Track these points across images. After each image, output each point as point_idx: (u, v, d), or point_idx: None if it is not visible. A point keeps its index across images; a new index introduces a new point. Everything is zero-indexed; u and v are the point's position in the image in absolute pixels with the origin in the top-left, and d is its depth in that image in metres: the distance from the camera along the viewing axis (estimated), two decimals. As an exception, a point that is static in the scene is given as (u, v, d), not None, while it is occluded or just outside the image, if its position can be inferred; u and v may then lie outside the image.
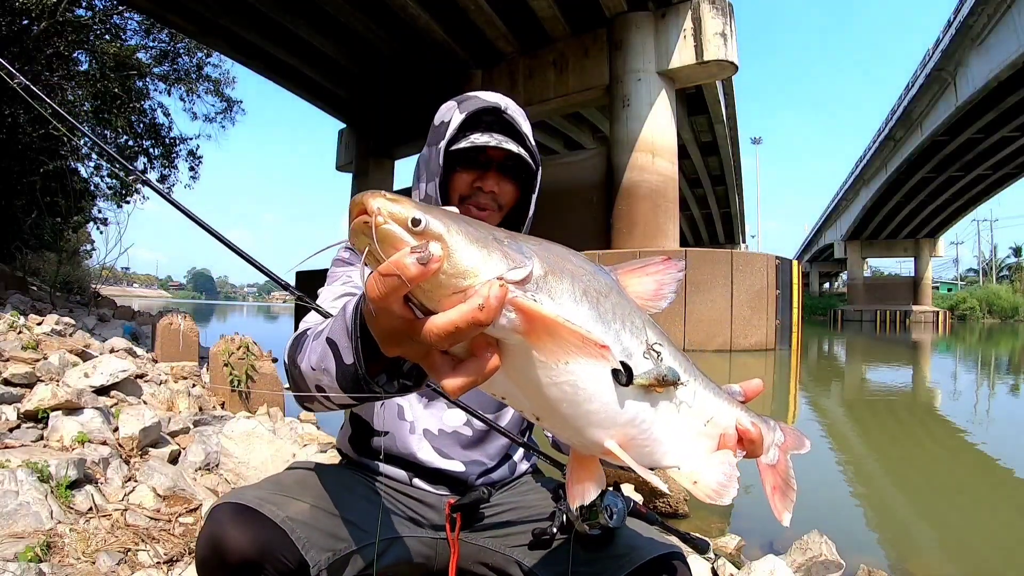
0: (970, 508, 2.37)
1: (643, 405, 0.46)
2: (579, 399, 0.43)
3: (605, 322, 0.43)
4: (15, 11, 8.51)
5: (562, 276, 0.42)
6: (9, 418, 1.92)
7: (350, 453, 0.97)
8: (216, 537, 0.69)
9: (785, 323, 10.56)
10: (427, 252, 0.36)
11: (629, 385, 0.44)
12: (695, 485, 0.52)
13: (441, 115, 0.93)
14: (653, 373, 0.45)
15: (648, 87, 11.70)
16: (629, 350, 0.45)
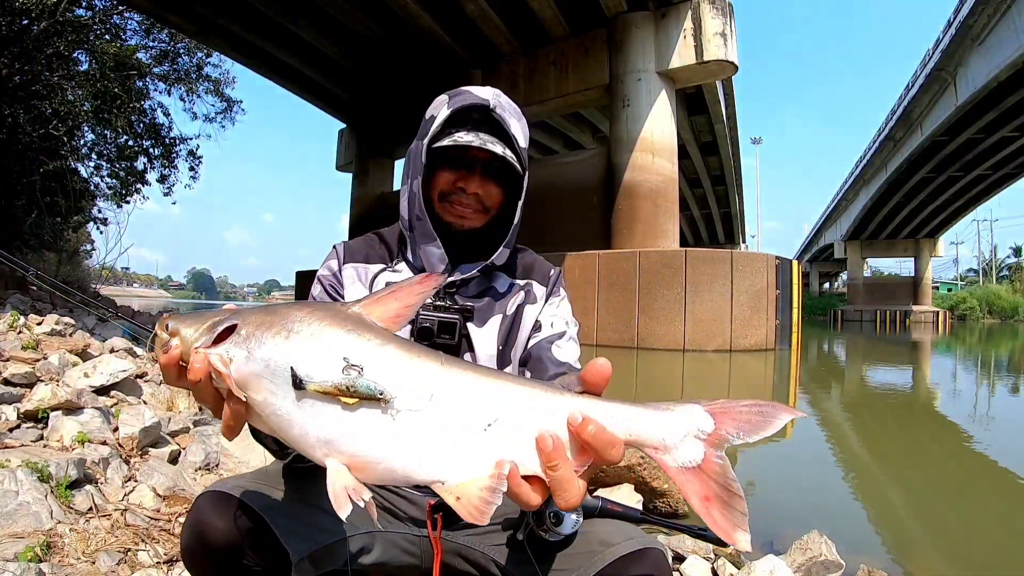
0: (970, 508, 2.37)
1: (359, 423, 0.47)
2: (290, 427, 0.49)
3: (298, 348, 0.49)
4: (15, 11, 8.51)
5: (261, 327, 0.51)
6: (9, 418, 1.91)
7: None
8: (198, 524, 0.72)
9: (785, 323, 10.55)
10: (168, 344, 0.55)
11: (302, 389, 0.47)
12: (457, 502, 0.48)
13: (432, 109, 0.92)
14: (330, 382, 0.47)
15: (648, 87, 11.69)
16: (321, 371, 0.48)
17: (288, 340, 0.49)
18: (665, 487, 2.00)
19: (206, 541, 0.72)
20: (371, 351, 0.49)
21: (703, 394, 3.98)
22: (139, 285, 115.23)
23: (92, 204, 12.96)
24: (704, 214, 34.28)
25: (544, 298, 0.97)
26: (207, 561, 0.73)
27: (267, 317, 0.52)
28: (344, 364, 0.48)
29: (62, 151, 10.64)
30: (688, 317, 9.50)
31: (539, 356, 0.90)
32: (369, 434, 0.47)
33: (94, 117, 11.06)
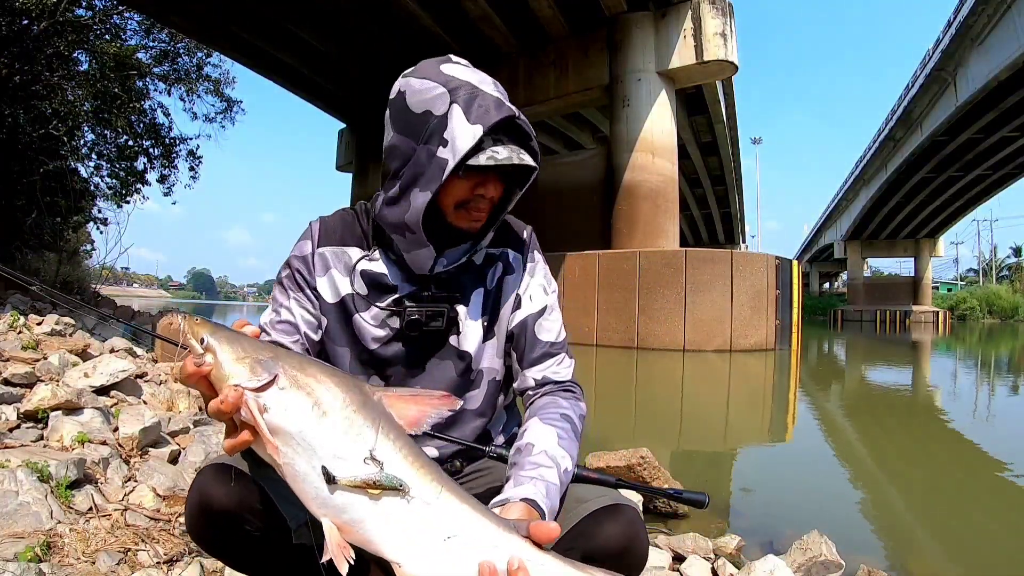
0: (970, 508, 2.37)
1: (356, 500, 0.56)
2: (296, 480, 0.56)
3: (328, 429, 0.56)
4: (15, 11, 8.50)
5: (300, 390, 0.57)
6: (9, 418, 1.92)
7: None
8: (201, 492, 0.77)
9: (785, 323, 10.56)
10: (202, 360, 0.57)
11: (333, 483, 0.55)
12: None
13: (427, 103, 0.82)
14: (360, 477, 0.55)
15: (648, 87, 11.70)
16: (344, 454, 0.56)
17: (321, 422, 0.56)
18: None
19: (208, 507, 0.76)
20: (390, 453, 0.58)
21: (703, 394, 3.99)
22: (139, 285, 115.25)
23: (92, 204, 12.95)
24: (704, 214, 34.29)
25: (522, 266, 0.98)
26: (210, 528, 0.78)
27: (306, 381, 0.58)
28: (367, 454, 0.57)
29: (62, 151, 10.64)
30: (688, 317, 9.50)
31: (524, 336, 0.94)
32: (362, 513, 0.56)
33: (94, 117, 11.06)
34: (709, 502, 1.00)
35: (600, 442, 3.31)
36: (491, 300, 0.95)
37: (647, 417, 4.40)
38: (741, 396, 5.68)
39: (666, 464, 2.14)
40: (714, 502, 2.24)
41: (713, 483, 2.57)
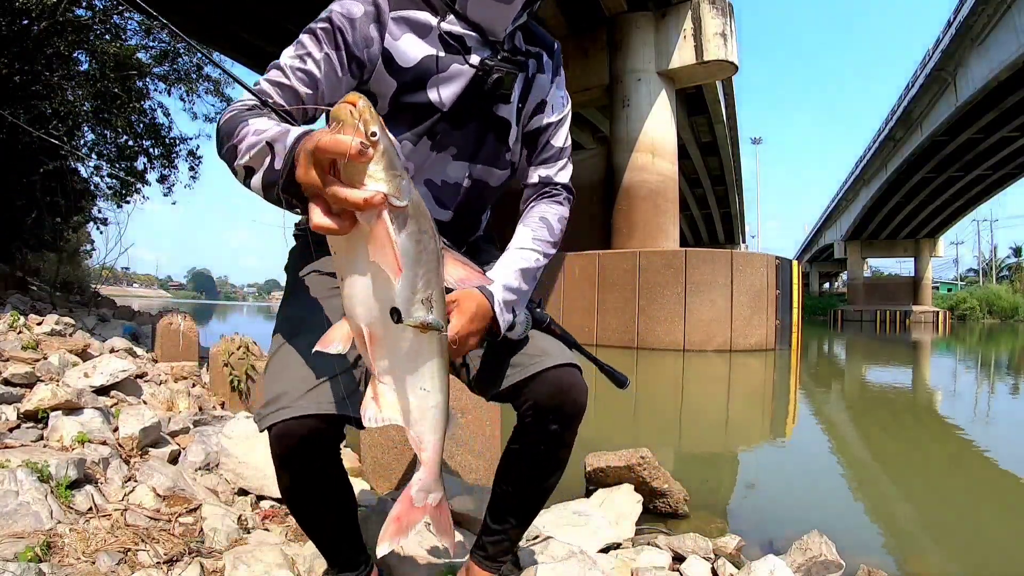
0: (971, 508, 2.37)
1: (406, 334, 0.64)
2: (369, 288, 0.61)
3: (413, 263, 0.61)
4: (15, 11, 8.50)
5: (416, 221, 0.60)
6: (9, 418, 1.92)
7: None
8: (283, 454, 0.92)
9: (785, 323, 10.56)
10: (367, 149, 0.54)
11: (398, 321, 0.62)
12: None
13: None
14: (420, 319, 0.62)
15: (648, 87, 11.70)
16: (414, 289, 0.62)
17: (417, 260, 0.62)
18: (665, 487, 2.00)
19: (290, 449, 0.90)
20: (439, 299, 0.65)
21: (703, 394, 3.99)
22: (139, 285, 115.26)
23: (92, 204, 12.96)
24: (704, 214, 34.29)
25: (552, 72, 1.09)
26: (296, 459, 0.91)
27: (421, 222, 0.61)
28: (424, 296, 0.63)
29: (62, 151, 10.64)
30: (688, 317, 9.50)
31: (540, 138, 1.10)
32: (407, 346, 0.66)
33: (94, 117, 11.06)
34: (628, 384, 1.15)
35: (600, 442, 3.30)
36: (526, 87, 1.05)
37: (647, 417, 4.40)
38: (741, 396, 5.68)
39: (666, 464, 2.14)
40: (714, 502, 2.25)
41: (713, 483, 2.57)
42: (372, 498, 1.71)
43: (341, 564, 1.01)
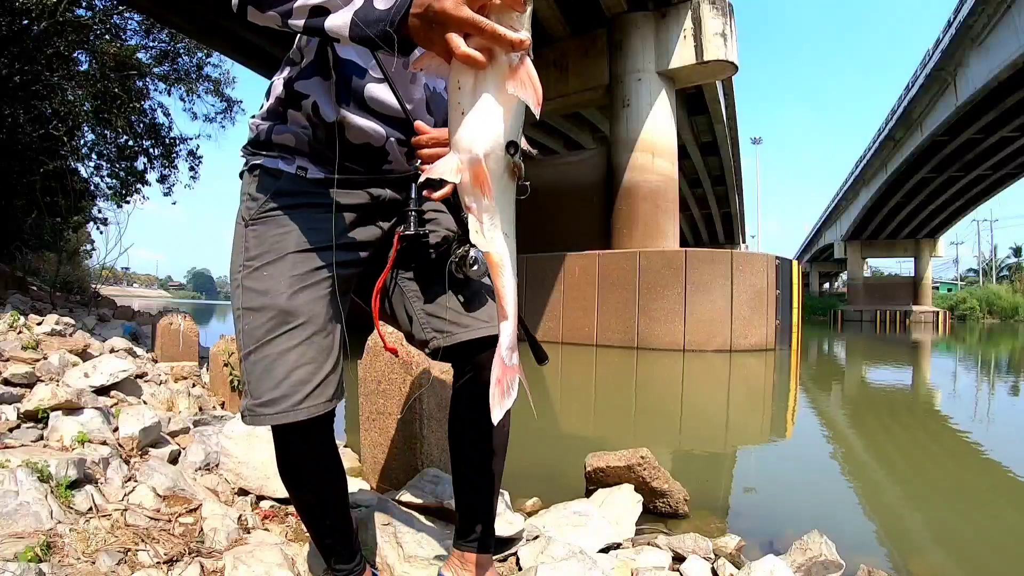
0: (971, 508, 2.37)
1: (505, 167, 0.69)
2: (496, 121, 0.67)
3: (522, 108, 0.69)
4: (15, 11, 8.51)
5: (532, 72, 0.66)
6: (9, 418, 1.92)
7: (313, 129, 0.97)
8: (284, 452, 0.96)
9: (785, 323, 10.55)
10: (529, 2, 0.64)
11: (513, 155, 0.68)
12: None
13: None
14: (527, 151, 0.74)
15: (648, 87, 11.69)
16: (520, 127, 0.69)
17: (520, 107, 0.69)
18: (665, 487, 2.00)
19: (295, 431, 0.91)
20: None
21: (703, 394, 3.98)
22: (139, 285, 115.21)
23: (92, 204, 12.96)
24: (704, 214, 34.28)
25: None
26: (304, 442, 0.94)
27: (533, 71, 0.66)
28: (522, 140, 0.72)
29: (62, 151, 10.64)
30: (688, 317, 9.50)
31: None
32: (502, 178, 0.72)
33: (94, 117, 11.06)
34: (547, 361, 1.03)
35: (600, 442, 3.30)
36: None
37: (647, 417, 4.40)
38: (741, 396, 5.68)
39: (666, 464, 2.14)
40: (714, 502, 2.25)
41: (713, 483, 2.57)
42: (372, 498, 1.71)
43: (337, 553, 1.05)
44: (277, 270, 0.91)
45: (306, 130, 0.97)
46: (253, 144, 1.00)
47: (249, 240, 0.94)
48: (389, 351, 1.18)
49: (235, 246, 0.95)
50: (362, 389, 1.93)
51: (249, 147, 1.01)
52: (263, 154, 0.98)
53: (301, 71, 0.97)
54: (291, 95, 0.97)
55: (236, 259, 0.94)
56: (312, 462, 0.97)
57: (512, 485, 1.95)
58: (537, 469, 2.54)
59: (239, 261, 0.93)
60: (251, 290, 0.91)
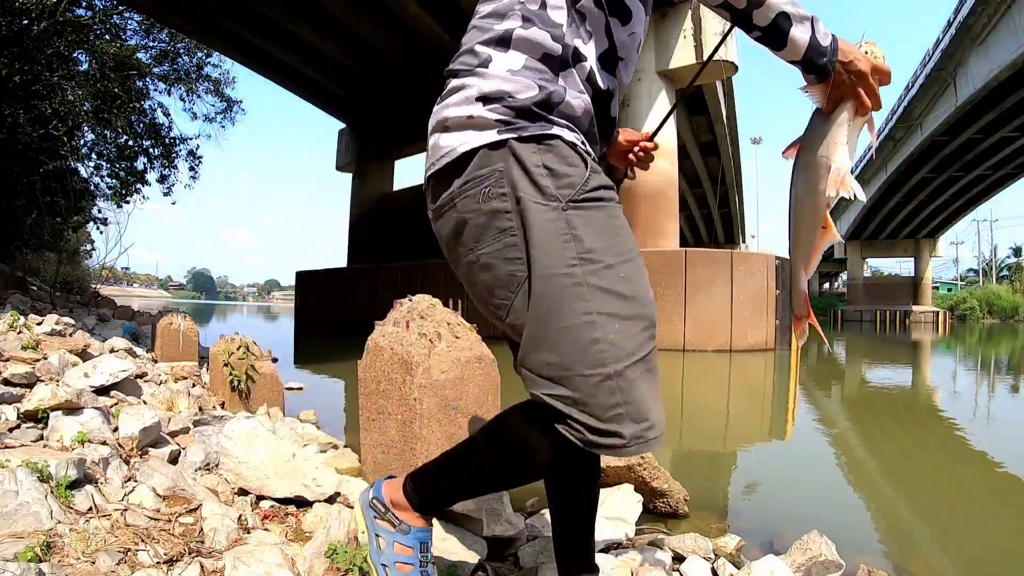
0: (971, 508, 2.37)
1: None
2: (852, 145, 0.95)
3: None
4: (15, 11, 8.51)
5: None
6: (9, 418, 1.92)
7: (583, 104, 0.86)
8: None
9: (785, 323, 10.56)
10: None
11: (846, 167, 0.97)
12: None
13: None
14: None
15: (648, 87, 11.70)
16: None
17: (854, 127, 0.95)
18: (665, 487, 2.00)
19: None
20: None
21: (703, 394, 3.98)
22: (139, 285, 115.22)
23: (92, 204, 12.97)
24: (704, 214, 34.28)
25: None
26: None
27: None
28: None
29: (62, 151, 10.64)
30: (688, 317, 9.50)
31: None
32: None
33: (94, 117, 11.07)
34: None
35: (600, 442, 3.30)
36: None
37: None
38: (741, 396, 5.68)
39: (666, 464, 2.14)
40: (714, 502, 2.25)
41: (713, 483, 2.57)
42: (372, 498, 1.71)
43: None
44: (635, 272, 0.81)
45: (581, 97, 0.84)
46: (540, 106, 0.81)
47: (579, 228, 0.77)
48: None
49: (544, 231, 0.76)
50: (362, 389, 1.93)
51: (534, 108, 0.80)
52: (555, 121, 0.81)
53: (575, 30, 0.85)
54: (570, 54, 0.84)
55: (553, 246, 0.76)
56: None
57: (512, 485, 1.95)
58: (537, 469, 2.54)
59: (569, 253, 0.76)
60: (609, 292, 0.77)
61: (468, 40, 0.91)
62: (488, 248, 0.80)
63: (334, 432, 2.84)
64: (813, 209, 0.95)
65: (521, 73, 0.82)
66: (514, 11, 0.87)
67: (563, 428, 0.76)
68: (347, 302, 16.03)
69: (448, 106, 0.85)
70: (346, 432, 3.13)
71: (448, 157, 0.82)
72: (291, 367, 6.44)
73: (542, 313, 0.76)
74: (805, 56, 0.83)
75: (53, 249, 12.09)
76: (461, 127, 0.82)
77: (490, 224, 0.79)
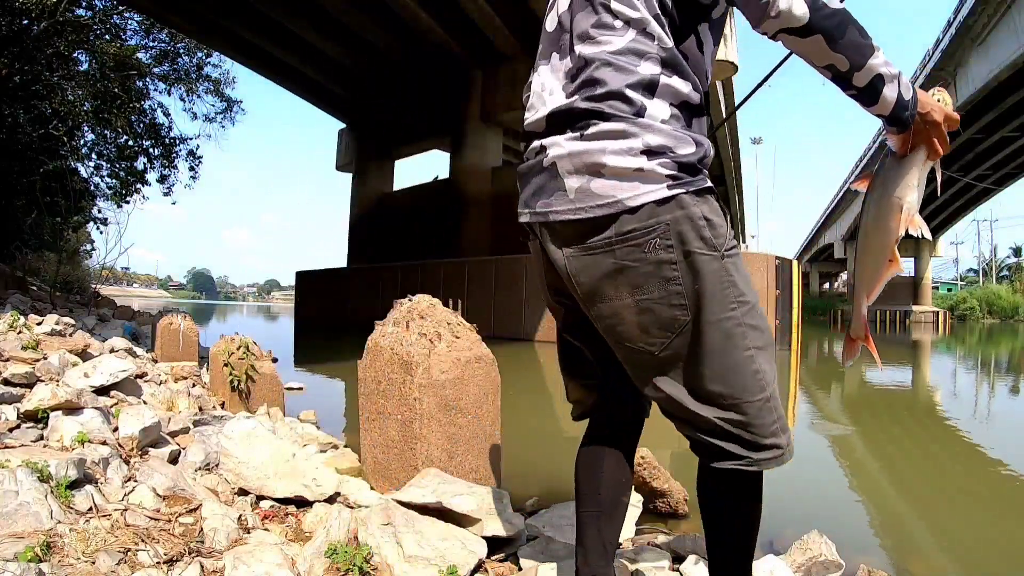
0: (971, 508, 2.37)
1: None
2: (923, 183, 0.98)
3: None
4: (15, 11, 8.51)
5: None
6: (9, 418, 1.92)
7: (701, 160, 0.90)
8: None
9: (785, 323, 10.55)
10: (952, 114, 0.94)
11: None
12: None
13: None
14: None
15: (648, 87, 11.69)
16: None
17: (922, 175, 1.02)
18: (665, 487, 2.00)
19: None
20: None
21: (703, 394, 3.85)
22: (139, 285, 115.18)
23: (92, 204, 12.97)
24: (704, 214, 34.24)
25: None
26: None
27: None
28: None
29: (62, 151, 10.65)
30: (688, 317, 9.48)
31: None
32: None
33: (94, 117, 11.07)
34: None
35: (600, 442, 3.30)
36: None
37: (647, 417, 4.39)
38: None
39: (666, 464, 2.14)
40: (714, 502, 2.24)
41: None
42: (372, 498, 1.71)
43: None
44: (760, 310, 0.92)
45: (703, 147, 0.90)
46: (700, 161, 0.89)
47: (733, 274, 0.88)
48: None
49: (711, 280, 0.86)
50: (362, 389, 1.93)
51: (696, 164, 0.88)
52: (706, 174, 0.90)
53: (695, 81, 0.92)
54: (703, 102, 0.93)
55: (721, 292, 0.86)
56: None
57: (512, 485, 1.96)
58: (537, 469, 2.54)
59: (732, 295, 0.87)
60: (756, 328, 0.89)
61: (608, 78, 0.88)
62: (651, 295, 0.87)
63: (334, 432, 2.84)
64: (882, 243, 1.03)
65: (672, 124, 0.88)
66: (651, 54, 0.89)
67: (729, 463, 0.89)
68: (347, 302, 16.04)
69: (606, 152, 0.86)
70: (346, 432, 3.13)
71: (610, 208, 0.85)
72: (291, 367, 6.44)
73: (710, 351, 0.86)
74: (892, 112, 0.88)
75: (53, 249, 12.10)
76: (626, 177, 0.85)
77: (656, 273, 0.86)
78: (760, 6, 0.81)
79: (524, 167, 0.98)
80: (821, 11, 0.80)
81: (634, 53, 0.89)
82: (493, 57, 13.78)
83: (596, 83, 0.88)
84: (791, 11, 0.79)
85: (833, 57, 0.83)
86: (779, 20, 0.81)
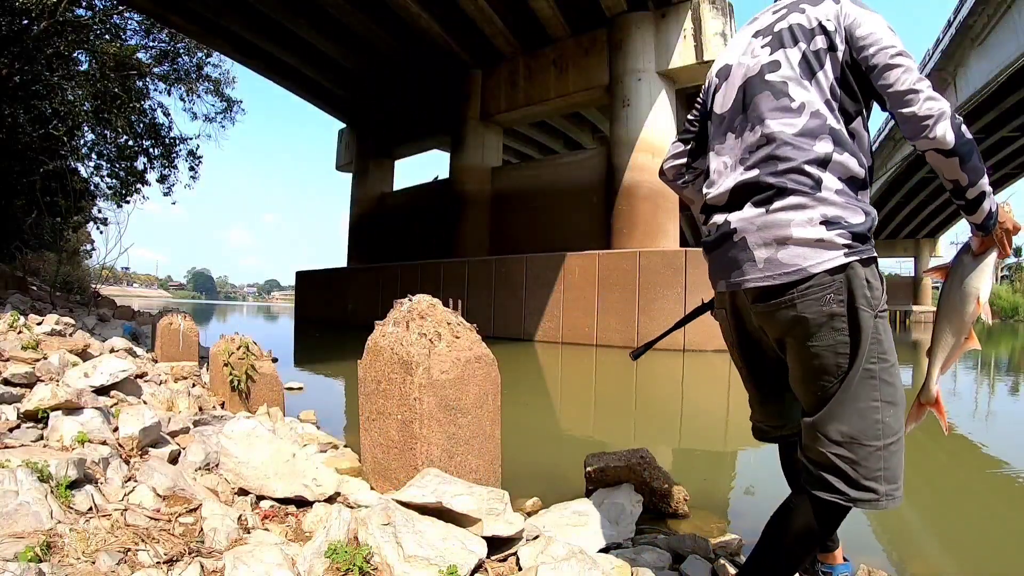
0: (971, 508, 2.37)
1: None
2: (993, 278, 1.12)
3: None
4: (15, 11, 8.51)
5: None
6: (9, 418, 1.92)
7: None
8: None
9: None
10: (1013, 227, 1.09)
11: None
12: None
13: None
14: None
15: (648, 87, 11.69)
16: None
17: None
18: (665, 487, 2.00)
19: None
20: None
21: (703, 394, 3.97)
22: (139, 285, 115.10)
23: (92, 204, 12.98)
24: (704, 214, 34.23)
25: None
26: None
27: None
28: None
29: (62, 151, 10.65)
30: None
31: None
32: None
33: (94, 117, 11.07)
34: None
35: (600, 442, 3.30)
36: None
37: (647, 417, 4.40)
38: (741, 396, 5.68)
39: (666, 464, 2.14)
40: (714, 502, 2.24)
41: (713, 483, 2.57)
42: (372, 498, 1.71)
43: None
44: (898, 368, 1.07)
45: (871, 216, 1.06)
46: (869, 231, 1.04)
47: (880, 332, 1.03)
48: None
49: (865, 331, 1.01)
50: (362, 389, 1.93)
51: (867, 233, 1.04)
52: (871, 242, 1.05)
53: (860, 158, 1.06)
54: (865, 178, 1.07)
55: (868, 346, 1.01)
56: None
57: (512, 485, 1.95)
58: (537, 469, 2.55)
59: (876, 351, 1.02)
60: (889, 384, 1.02)
61: (790, 155, 1.04)
62: (821, 343, 1.02)
63: (334, 432, 2.85)
64: (960, 325, 1.15)
65: (843, 195, 1.03)
66: (825, 135, 1.04)
67: (828, 495, 1.05)
68: (347, 302, 16.04)
69: (791, 224, 1.02)
70: (346, 432, 3.13)
71: (795, 275, 1.02)
72: (291, 367, 6.44)
73: (846, 395, 1.01)
74: (983, 221, 1.04)
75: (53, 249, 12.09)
76: (809, 246, 1.01)
77: (827, 324, 1.02)
78: (920, 127, 0.97)
79: (711, 240, 1.17)
80: (961, 139, 0.97)
81: (810, 133, 1.04)
82: (493, 57, 13.78)
83: (779, 160, 1.04)
84: (944, 137, 0.96)
85: (960, 175, 0.99)
86: (932, 142, 0.97)
